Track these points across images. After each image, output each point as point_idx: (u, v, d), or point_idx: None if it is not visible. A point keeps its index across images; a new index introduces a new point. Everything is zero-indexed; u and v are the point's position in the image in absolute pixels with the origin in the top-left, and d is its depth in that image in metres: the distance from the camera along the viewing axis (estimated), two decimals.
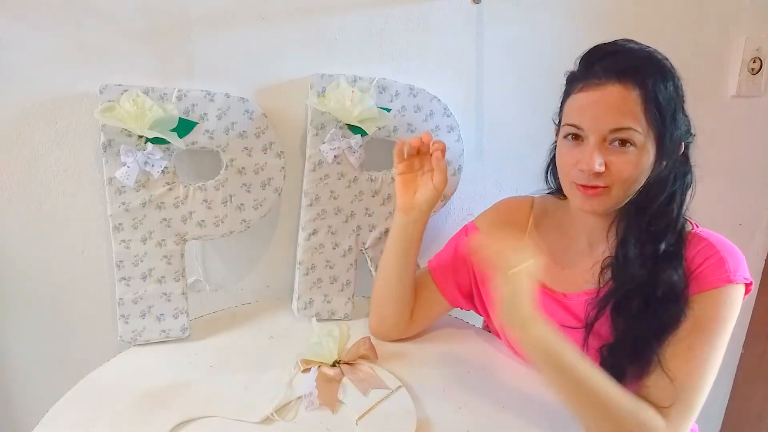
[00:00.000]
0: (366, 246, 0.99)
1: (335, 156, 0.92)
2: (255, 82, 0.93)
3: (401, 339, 0.91)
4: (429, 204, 0.83)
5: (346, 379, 0.79)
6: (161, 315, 0.90)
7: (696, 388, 0.67)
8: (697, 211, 0.76)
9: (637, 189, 0.71)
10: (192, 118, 0.86)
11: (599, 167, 0.68)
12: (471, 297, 0.90)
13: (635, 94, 0.66)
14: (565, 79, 0.75)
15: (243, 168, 0.90)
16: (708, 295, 0.69)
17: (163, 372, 0.83)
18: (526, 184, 0.92)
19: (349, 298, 1.00)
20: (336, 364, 0.81)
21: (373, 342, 0.85)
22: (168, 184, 0.87)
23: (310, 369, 0.81)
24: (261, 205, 0.93)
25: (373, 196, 0.97)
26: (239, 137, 0.89)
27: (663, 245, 0.71)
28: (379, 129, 0.93)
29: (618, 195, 0.70)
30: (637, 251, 0.72)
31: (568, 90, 0.74)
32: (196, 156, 0.93)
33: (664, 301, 0.69)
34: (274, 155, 0.92)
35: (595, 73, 0.68)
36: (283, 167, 0.93)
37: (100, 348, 0.99)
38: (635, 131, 0.67)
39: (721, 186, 1.20)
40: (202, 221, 0.90)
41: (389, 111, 0.93)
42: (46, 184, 0.90)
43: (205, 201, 0.89)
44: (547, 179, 0.86)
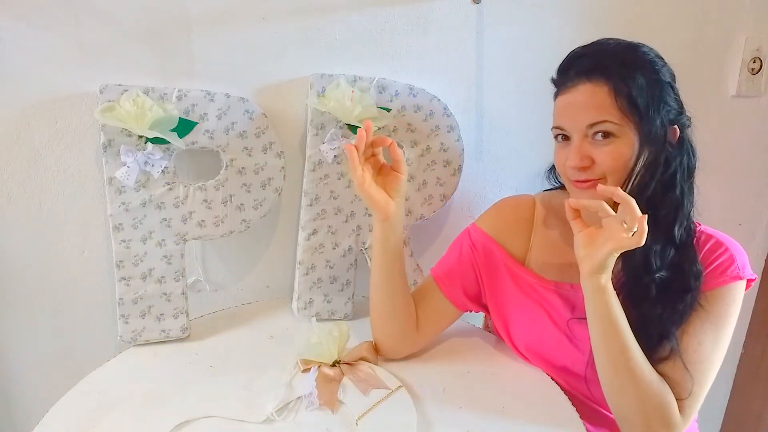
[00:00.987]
0: (366, 246, 0.99)
1: (335, 156, 0.92)
2: (255, 82, 0.93)
3: (413, 353, 0.87)
4: (401, 199, 0.79)
5: (346, 379, 0.79)
6: (161, 315, 0.90)
7: (704, 382, 0.71)
8: (697, 211, 0.76)
9: (632, 177, 0.72)
10: (192, 118, 0.86)
11: (581, 162, 0.72)
12: (479, 298, 0.89)
13: (606, 89, 0.70)
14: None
15: (243, 168, 0.90)
16: (719, 292, 0.72)
17: (163, 372, 0.83)
18: (526, 184, 0.92)
19: (349, 298, 1.00)
20: (336, 364, 0.81)
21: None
22: (168, 184, 0.87)
23: (310, 369, 0.81)
24: (261, 205, 0.94)
25: None
26: (239, 137, 0.89)
27: (675, 234, 0.73)
28: (379, 129, 0.93)
29: (615, 183, 0.72)
30: (647, 241, 0.72)
31: (554, 95, 0.78)
32: (196, 156, 0.93)
33: (679, 293, 0.72)
34: (274, 155, 0.92)
35: (569, 77, 0.74)
36: (283, 167, 0.93)
37: (100, 348, 0.99)
38: (611, 123, 0.70)
39: (721, 186, 1.20)
40: (202, 221, 0.90)
41: (389, 111, 0.93)
42: (46, 184, 0.91)
43: (205, 201, 0.89)
44: (549, 177, 0.90)
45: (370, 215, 0.98)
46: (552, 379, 0.82)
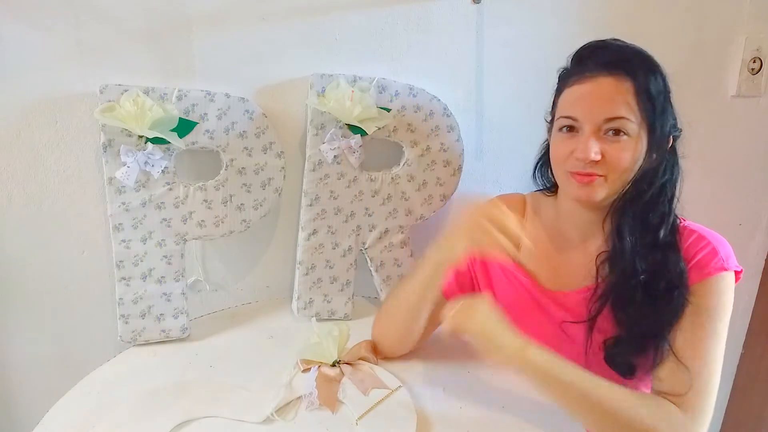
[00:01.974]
0: (366, 246, 0.99)
1: (335, 156, 0.92)
2: (255, 82, 0.93)
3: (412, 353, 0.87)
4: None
5: (346, 379, 0.79)
6: (161, 315, 0.90)
7: (708, 375, 0.69)
8: (698, 211, 0.77)
9: (630, 179, 0.72)
10: (192, 118, 0.86)
11: (595, 155, 0.69)
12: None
13: (627, 85, 0.69)
14: (558, 76, 0.77)
15: (243, 168, 0.90)
16: (706, 284, 0.71)
17: (163, 372, 0.83)
18: (526, 184, 0.92)
19: (349, 298, 1.00)
20: (336, 364, 0.81)
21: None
22: (168, 184, 0.87)
23: (310, 369, 0.81)
24: (261, 205, 0.93)
25: (373, 196, 0.97)
26: (239, 137, 0.89)
27: (660, 236, 0.72)
28: (379, 129, 0.93)
29: (614, 183, 0.72)
30: (634, 244, 0.73)
31: (560, 86, 0.76)
32: (196, 156, 0.93)
33: (667, 292, 0.71)
34: (274, 155, 0.92)
35: (588, 67, 0.71)
36: (283, 167, 0.93)
37: (100, 348, 0.99)
38: (628, 120, 0.69)
39: (721, 186, 1.20)
40: (202, 221, 0.90)
41: (389, 111, 0.93)
42: (46, 184, 0.90)
43: (205, 201, 0.89)
44: (535, 177, 0.88)
45: (370, 215, 0.98)
46: None
